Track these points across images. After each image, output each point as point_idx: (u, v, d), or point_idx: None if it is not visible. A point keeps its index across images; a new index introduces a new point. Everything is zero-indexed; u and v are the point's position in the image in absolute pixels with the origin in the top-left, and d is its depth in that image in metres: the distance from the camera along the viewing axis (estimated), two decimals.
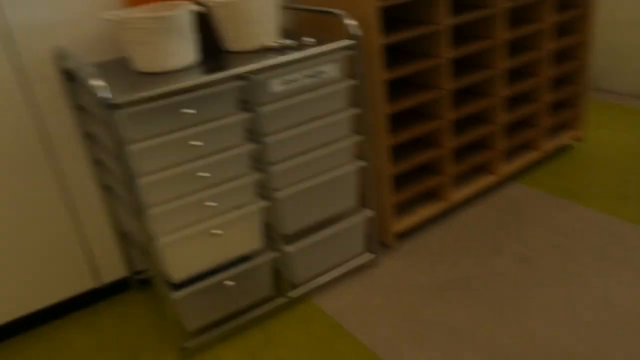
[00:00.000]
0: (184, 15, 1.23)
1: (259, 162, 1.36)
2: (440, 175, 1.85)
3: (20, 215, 1.46)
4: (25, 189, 1.44)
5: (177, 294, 1.32)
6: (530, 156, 2.14)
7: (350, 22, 1.39)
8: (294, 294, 1.56)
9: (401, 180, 1.85)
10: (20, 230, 1.47)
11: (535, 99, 2.11)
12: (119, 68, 1.36)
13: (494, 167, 2.02)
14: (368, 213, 1.60)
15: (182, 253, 1.31)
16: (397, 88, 1.77)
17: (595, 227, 1.79)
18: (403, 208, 1.87)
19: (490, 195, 2.04)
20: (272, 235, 1.45)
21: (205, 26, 1.47)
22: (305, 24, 1.74)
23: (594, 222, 1.81)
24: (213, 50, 1.44)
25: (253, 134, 1.33)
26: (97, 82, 1.09)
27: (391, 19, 1.79)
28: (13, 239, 1.46)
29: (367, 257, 1.69)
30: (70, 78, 1.39)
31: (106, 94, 1.09)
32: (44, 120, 1.43)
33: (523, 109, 2.05)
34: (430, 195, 1.93)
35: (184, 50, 1.26)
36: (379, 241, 1.81)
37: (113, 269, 1.65)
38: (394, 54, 1.78)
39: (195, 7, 1.25)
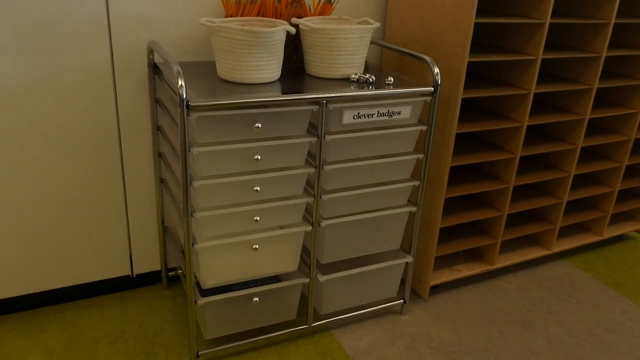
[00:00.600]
0: (277, 33, 1.25)
1: (313, 188, 1.35)
2: (488, 237, 1.80)
3: (81, 191, 1.51)
4: (92, 167, 1.50)
5: (203, 300, 1.32)
6: (587, 238, 2.05)
7: (436, 70, 1.37)
8: (316, 324, 1.54)
9: (448, 234, 1.80)
10: (76, 205, 1.51)
11: (607, 183, 2.02)
12: (204, 72, 1.39)
13: (547, 241, 1.95)
14: (408, 259, 1.57)
15: (218, 260, 1.32)
16: (464, 142, 1.74)
17: None
18: (443, 261, 1.82)
19: (537, 269, 1.96)
20: (309, 262, 1.44)
21: (293, 46, 1.49)
22: (391, 62, 1.74)
23: None
24: (295, 71, 1.46)
25: (314, 159, 1.33)
26: (179, 80, 1.11)
27: (473, 74, 1.76)
28: (68, 212, 1.51)
29: (397, 303, 1.65)
30: (157, 72, 1.44)
31: (184, 93, 1.12)
32: (125, 107, 1.48)
33: (591, 190, 1.97)
34: (475, 255, 1.88)
35: (267, 67, 1.27)
36: (412, 290, 1.77)
37: (148, 261, 1.68)
38: (468, 109, 1.75)
39: (289, 28, 1.26)
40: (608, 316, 1.74)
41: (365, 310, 1.61)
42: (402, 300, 1.65)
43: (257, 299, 1.41)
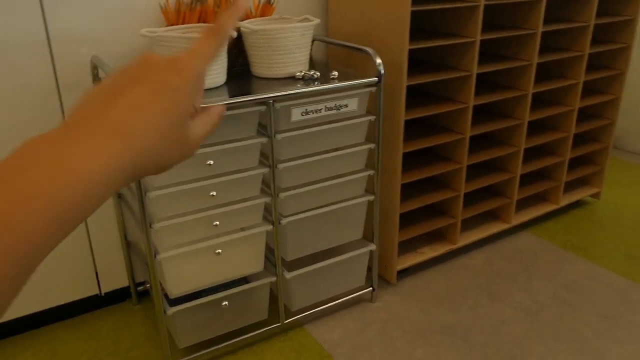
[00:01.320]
0: None
1: (269, 187, 1.37)
2: (448, 217, 1.85)
3: None
4: None
5: (172, 310, 1.33)
6: (545, 208, 2.13)
7: (378, 61, 1.40)
8: (289, 320, 1.56)
9: (409, 218, 1.85)
10: None
11: (557, 152, 2.10)
12: None
13: (506, 214, 2.01)
14: (372, 247, 1.61)
15: (182, 269, 1.33)
16: (415, 128, 1.78)
17: (602, 285, 1.77)
18: (408, 245, 1.87)
19: (499, 243, 2.03)
20: (274, 260, 1.46)
21: (237, 49, 1.50)
22: (336, 57, 1.77)
23: (602, 281, 1.79)
24: (241, 73, 1.47)
25: (267, 158, 1.35)
26: None
27: (418, 61, 1.80)
28: None
29: (366, 291, 1.69)
30: None
31: None
32: None
33: (543, 161, 2.05)
34: (437, 236, 1.93)
35: (211, 72, 1.29)
36: (380, 276, 1.80)
37: (115, 278, 1.68)
38: (416, 95, 1.79)
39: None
40: (569, 278, 1.81)
41: (336, 302, 1.64)
42: (370, 288, 1.69)
43: (226, 302, 1.42)
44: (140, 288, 1.72)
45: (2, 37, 1.31)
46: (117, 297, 1.73)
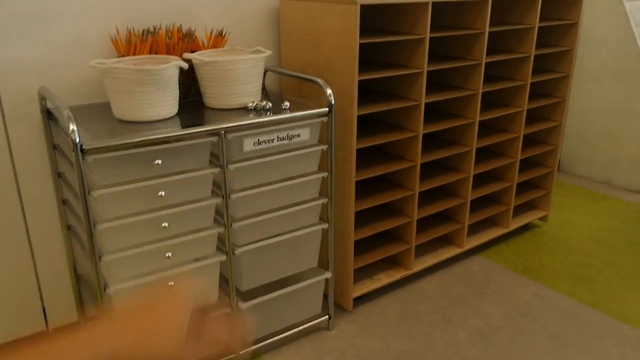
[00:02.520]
0: (168, 70, 1.26)
1: (222, 217, 1.37)
2: (403, 243, 1.88)
3: None
4: None
5: None
6: (495, 232, 2.19)
7: (329, 91, 1.43)
8: (246, 350, 1.54)
9: (363, 245, 1.87)
10: None
11: (505, 177, 2.17)
12: (98, 114, 1.38)
13: (458, 239, 2.06)
14: (327, 275, 1.61)
15: None
16: (367, 155, 1.82)
17: (552, 306, 1.82)
18: (363, 272, 1.88)
19: (452, 267, 2.07)
20: (228, 290, 1.45)
21: (189, 80, 1.51)
22: (289, 87, 1.80)
23: (551, 302, 1.85)
24: (194, 105, 1.48)
25: (220, 188, 1.35)
26: (70, 125, 1.10)
27: (368, 90, 1.85)
28: None
29: (322, 319, 1.69)
30: (51, 118, 1.41)
31: (77, 137, 1.11)
32: (20, 155, 1.43)
33: (491, 186, 2.11)
34: (392, 262, 1.95)
35: (163, 103, 1.29)
36: (336, 304, 1.81)
37: (64, 312, 1.62)
38: (368, 123, 1.83)
39: (181, 63, 1.28)
40: (521, 301, 1.86)
41: (293, 331, 1.63)
42: (327, 316, 1.69)
43: None
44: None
45: None
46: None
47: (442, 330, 1.71)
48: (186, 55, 1.42)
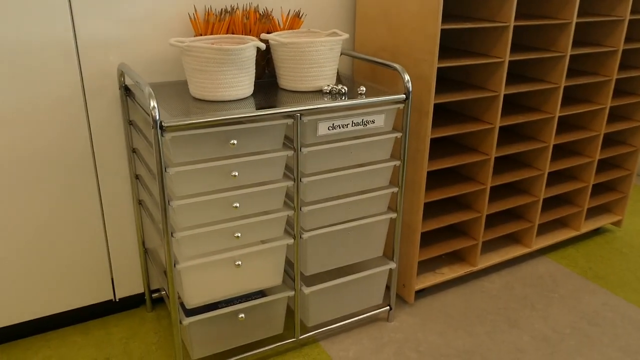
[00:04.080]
0: (247, 50, 1.25)
1: (292, 200, 1.36)
2: (469, 239, 1.82)
3: (58, 217, 1.49)
4: (69, 193, 1.48)
5: (188, 320, 1.31)
6: (565, 233, 2.09)
7: (407, 77, 1.39)
8: (304, 336, 1.54)
9: (429, 237, 1.82)
10: (53, 232, 1.49)
11: (580, 178, 2.07)
12: (173, 91, 1.39)
13: (527, 239, 1.98)
14: (392, 266, 1.58)
15: (201, 279, 1.31)
16: (438, 146, 1.76)
17: (624, 318, 1.72)
18: (427, 265, 1.84)
19: (517, 267, 1.99)
20: (292, 274, 1.45)
21: (264, 62, 1.50)
22: (362, 71, 1.76)
23: (623, 313, 1.75)
24: (268, 85, 1.46)
25: (292, 171, 1.33)
26: (151, 102, 1.11)
27: (443, 79, 1.79)
28: (46, 240, 1.49)
29: (383, 309, 1.66)
30: (129, 94, 1.43)
31: (157, 114, 1.12)
32: (97, 130, 1.47)
33: (565, 186, 2.01)
34: (457, 257, 1.90)
35: (239, 83, 1.28)
36: (397, 295, 1.78)
37: (131, 284, 1.66)
38: (441, 113, 1.77)
39: (259, 44, 1.27)
40: (590, 309, 1.77)
41: (352, 320, 1.62)
42: (388, 307, 1.66)
43: (242, 315, 1.40)
44: (155, 295, 1.70)
45: (32, 43, 1.32)
46: (131, 303, 1.71)
47: (506, 332, 1.65)
48: (263, 35, 1.41)
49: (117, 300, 1.67)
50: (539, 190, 1.90)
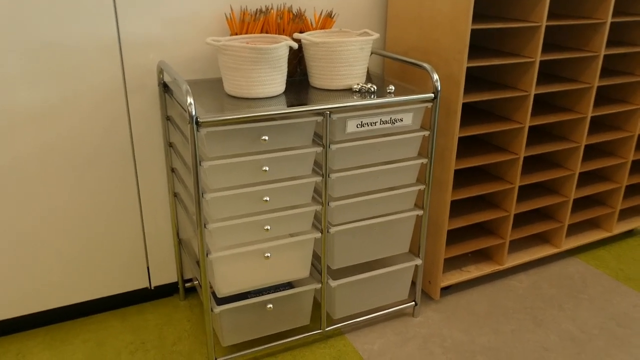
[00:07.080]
0: (280, 49, 1.30)
1: (320, 196, 1.40)
2: (496, 237, 1.83)
3: (99, 207, 1.57)
4: (109, 184, 1.56)
5: (219, 308, 1.37)
6: (597, 235, 2.07)
7: (436, 77, 1.41)
8: (330, 328, 1.58)
9: (456, 235, 1.84)
10: (95, 221, 1.57)
11: (613, 178, 2.04)
12: (209, 88, 1.45)
13: (556, 239, 1.97)
14: (418, 262, 1.61)
15: (231, 269, 1.37)
16: (466, 144, 1.77)
17: None
18: (453, 263, 1.85)
19: (546, 267, 1.98)
20: (320, 268, 1.49)
21: (296, 60, 1.54)
22: (392, 70, 1.78)
23: None
24: (299, 84, 1.51)
25: (321, 167, 1.37)
26: (188, 98, 1.17)
27: (473, 78, 1.80)
28: (87, 229, 1.57)
29: (408, 305, 1.68)
30: (167, 91, 1.50)
31: (194, 110, 1.17)
32: (137, 125, 1.54)
33: (597, 187, 2.00)
34: (483, 255, 1.91)
35: (272, 81, 1.33)
36: (423, 291, 1.80)
37: (165, 273, 1.74)
38: (470, 112, 1.78)
39: (291, 43, 1.31)
40: (620, 310, 1.75)
41: (378, 314, 1.65)
42: (413, 303, 1.68)
43: (270, 305, 1.45)
44: (188, 284, 1.77)
45: (77, 40, 1.40)
46: (165, 291, 1.79)
47: (532, 331, 1.65)
48: (296, 35, 1.45)
49: (153, 288, 1.75)
50: (570, 190, 1.89)
